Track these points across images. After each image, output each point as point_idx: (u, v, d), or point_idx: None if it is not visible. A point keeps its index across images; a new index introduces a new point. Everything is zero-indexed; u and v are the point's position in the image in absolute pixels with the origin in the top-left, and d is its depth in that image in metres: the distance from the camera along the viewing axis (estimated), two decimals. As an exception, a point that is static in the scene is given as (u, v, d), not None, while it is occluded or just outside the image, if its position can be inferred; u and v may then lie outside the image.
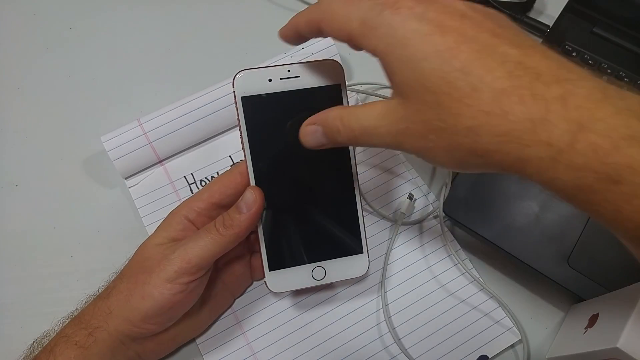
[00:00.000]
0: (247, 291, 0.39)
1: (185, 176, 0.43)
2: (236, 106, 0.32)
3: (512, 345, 0.37)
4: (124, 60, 0.50)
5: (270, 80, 0.32)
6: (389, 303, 0.38)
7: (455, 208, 0.41)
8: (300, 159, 0.33)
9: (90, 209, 0.43)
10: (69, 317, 0.33)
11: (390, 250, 0.40)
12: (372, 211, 0.42)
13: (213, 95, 0.42)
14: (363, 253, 0.34)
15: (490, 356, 0.37)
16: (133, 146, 0.41)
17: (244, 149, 0.32)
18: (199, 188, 0.43)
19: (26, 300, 0.39)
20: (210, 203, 0.33)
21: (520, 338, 0.37)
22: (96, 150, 0.45)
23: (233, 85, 0.32)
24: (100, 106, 0.47)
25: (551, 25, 0.50)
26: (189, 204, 0.33)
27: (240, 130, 0.32)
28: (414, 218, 0.42)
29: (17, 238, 0.42)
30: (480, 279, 0.39)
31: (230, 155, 0.44)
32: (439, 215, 0.41)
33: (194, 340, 0.37)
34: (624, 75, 0.46)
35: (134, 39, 0.51)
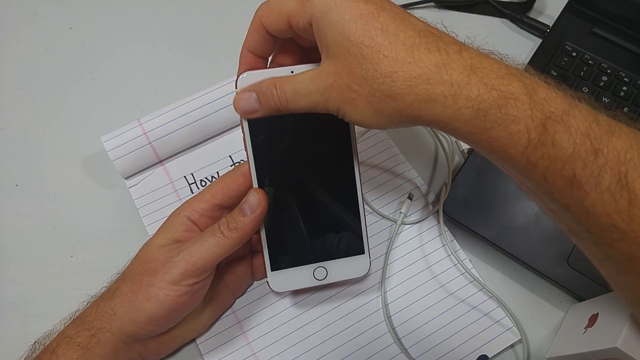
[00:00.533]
0: (248, 291, 0.39)
1: (185, 176, 0.43)
2: None
3: (512, 345, 0.37)
4: (124, 60, 0.50)
5: None
6: (388, 303, 0.38)
7: (455, 208, 0.41)
8: (303, 160, 0.33)
9: (90, 209, 0.43)
10: (70, 318, 0.33)
11: (390, 250, 0.40)
12: (372, 211, 0.42)
13: (213, 95, 0.42)
14: (365, 254, 0.34)
15: (490, 356, 0.37)
16: (133, 146, 0.41)
17: (246, 150, 0.32)
18: (199, 188, 0.43)
19: (26, 300, 0.39)
20: (212, 204, 0.33)
21: (520, 338, 0.37)
22: (96, 150, 0.45)
23: (236, 87, 0.32)
24: (101, 106, 0.48)
25: (551, 25, 0.50)
26: (191, 204, 0.33)
27: (242, 132, 0.32)
28: (413, 218, 0.42)
29: (17, 238, 0.42)
30: (480, 278, 0.39)
31: (230, 155, 0.44)
32: (439, 215, 0.41)
33: (194, 340, 0.37)
34: (623, 75, 0.46)
35: (134, 39, 0.51)
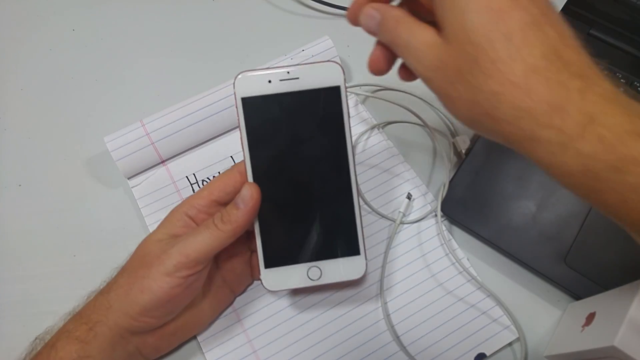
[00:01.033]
0: (249, 289, 0.39)
1: (187, 176, 0.44)
2: (236, 107, 0.33)
3: (510, 344, 0.38)
4: (127, 61, 0.50)
5: (270, 81, 0.32)
6: (387, 301, 0.39)
7: (453, 207, 0.41)
8: (299, 159, 0.33)
9: (93, 208, 0.43)
10: (71, 314, 0.34)
11: (389, 249, 0.40)
12: (371, 210, 0.42)
13: (215, 96, 0.43)
14: (360, 255, 0.34)
15: (488, 354, 0.37)
16: (136, 146, 0.42)
17: (243, 148, 0.33)
18: (200, 188, 0.43)
19: (29, 299, 0.40)
20: (210, 200, 0.34)
21: (517, 336, 0.37)
22: (99, 150, 0.45)
23: (234, 87, 0.33)
24: (103, 107, 0.48)
25: (549, 27, 0.50)
26: (190, 201, 0.34)
27: (240, 130, 0.33)
28: (412, 217, 0.42)
29: (21, 237, 0.42)
30: (478, 277, 0.39)
31: (231, 156, 0.44)
32: (437, 215, 0.41)
33: (195, 337, 0.37)
34: (620, 76, 0.47)
35: (136, 40, 0.52)
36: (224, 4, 0.54)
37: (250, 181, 0.33)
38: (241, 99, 0.33)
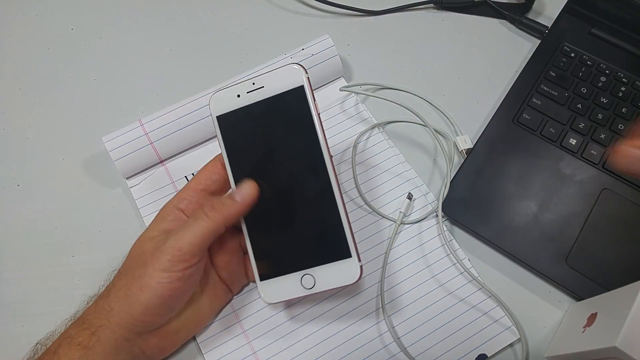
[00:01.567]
0: (247, 290, 0.39)
1: (186, 176, 0.43)
2: (214, 126, 0.34)
3: (511, 344, 0.37)
4: (126, 60, 0.50)
5: (238, 95, 0.34)
6: (388, 302, 0.39)
7: (454, 208, 0.41)
8: (278, 166, 0.33)
9: (91, 208, 0.43)
10: (72, 319, 0.33)
11: (390, 250, 0.40)
12: (371, 211, 0.42)
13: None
14: (352, 257, 0.32)
15: (489, 355, 0.37)
16: (134, 146, 0.41)
17: (225, 165, 0.34)
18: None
19: (28, 299, 0.39)
20: (197, 190, 0.34)
21: (519, 337, 0.37)
22: (98, 150, 0.45)
23: (209, 106, 0.34)
24: (102, 106, 0.48)
25: (550, 26, 0.50)
26: (178, 195, 0.35)
27: (220, 147, 0.34)
28: (413, 218, 0.42)
29: (19, 237, 0.42)
30: (479, 278, 0.39)
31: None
32: (438, 215, 0.41)
33: (194, 339, 0.37)
34: (622, 75, 0.46)
35: (135, 39, 0.52)
36: (223, 2, 0.54)
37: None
38: (216, 117, 0.34)
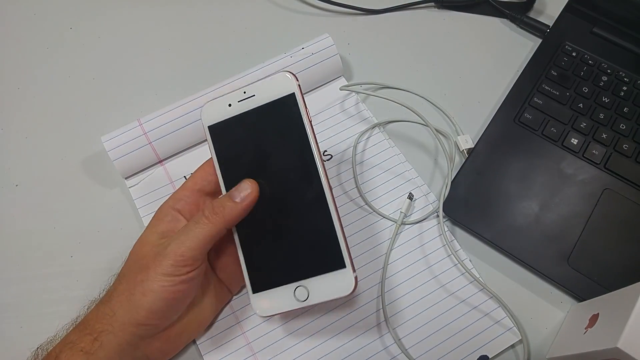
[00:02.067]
0: (246, 291, 0.39)
1: (185, 176, 0.43)
2: (206, 136, 0.34)
3: (513, 345, 0.37)
4: (124, 60, 0.50)
5: (230, 105, 0.33)
6: (389, 303, 0.38)
7: (455, 208, 0.41)
8: (270, 174, 0.33)
9: (90, 208, 0.43)
10: (72, 324, 0.33)
11: (390, 250, 0.40)
12: (372, 211, 0.42)
13: (213, 95, 0.43)
14: (346, 268, 0.31)
15: (490, 356, 0.37)
16: (133, 146, 0.41)
17: (217, 174, 0.34)
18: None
19: (26, 300, 0.39)
20: (193, 190, 0.34)
21: (520, 338, 0.37)
22: (96, 150, 0.45)
23: (202, 117, 0.34)
24: (101, 106, 0.48)
25: (551, 25, 0.50)
26: (175, 195, 0.35)
27: (212, 157, 0.34)
28: (414, 218, 0.42)
29: (17, 238, 0.42)
30: (480, 279, 0.39)
31: (230, 155, 0.44)
32: (439, 215, 0.41)
33: (194, 341, 0.37)
34: (623, 75, 0.46)
35: (134, 39, 0.51)
36: (223, 1, 0.54)
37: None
38: (208, 127, 0.34)
